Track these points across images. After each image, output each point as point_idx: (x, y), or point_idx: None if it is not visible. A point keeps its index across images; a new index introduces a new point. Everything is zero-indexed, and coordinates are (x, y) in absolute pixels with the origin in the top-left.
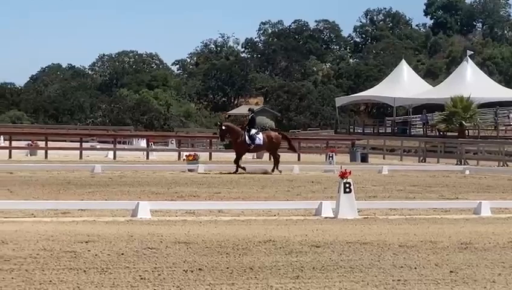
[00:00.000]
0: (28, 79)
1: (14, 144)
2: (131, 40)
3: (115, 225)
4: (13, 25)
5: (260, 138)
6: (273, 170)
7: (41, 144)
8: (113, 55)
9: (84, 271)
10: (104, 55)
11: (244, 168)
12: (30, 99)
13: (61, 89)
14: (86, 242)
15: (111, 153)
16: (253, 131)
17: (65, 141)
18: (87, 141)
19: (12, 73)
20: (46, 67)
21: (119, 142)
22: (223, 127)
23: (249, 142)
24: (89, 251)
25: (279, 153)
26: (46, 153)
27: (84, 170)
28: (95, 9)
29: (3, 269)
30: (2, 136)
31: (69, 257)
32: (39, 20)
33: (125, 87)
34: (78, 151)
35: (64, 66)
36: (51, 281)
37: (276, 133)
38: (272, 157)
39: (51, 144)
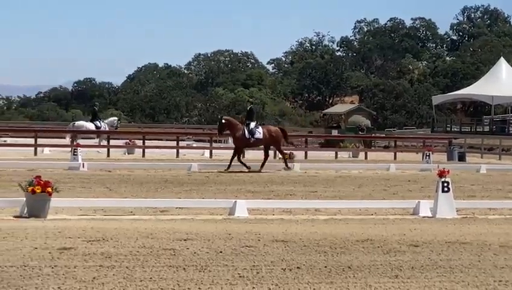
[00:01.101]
0: (125, 79)
1: (112, 142)
2: (227, 40)
3: (212, 223)
4: (111, 26)
5: (260, 131)
6: (286, 168)
7: (139, 142)
8: (209, 55)
9: (184, 269)
10: (199, 54)
11: (248, 167)
12: (127, 98)
13: (158, 89)
14: (185, 240)
15: (207, 151)
16: (252, 124)
17: (161, 139)
18: (183, 140)
19: (110, 73)
20: (142, 67)
21: (215, 141)
22: (223, 121)
23: (248, 136)
24: (187, 248)
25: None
26: (143, 151)
27: (181, 169)
28: (190, 11)
29: (104, 265)
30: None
31: (168, 255)
32: (136, 21)
33: (221, 86)
34: (175, 150)
35: (160, 65)
36: (151, 278)
37: (276, 128)
38: (266, 153)
39: (147, 142)
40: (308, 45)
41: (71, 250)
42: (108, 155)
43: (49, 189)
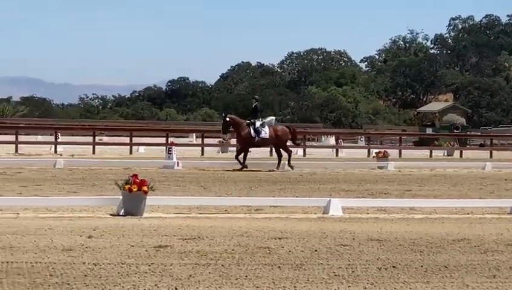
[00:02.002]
0: (219, 77)
1: (206, 141)
2: (320, 38)
3: (307, 222)
4: (205, 25)
5: (266, 131)
6: (277, 167)
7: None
8: (302, 53)
9: (279, 267)
10: (292, 53)
11: (246, 166)
12: (220, 97)
13: (251, 87)
14: (280, 238)
15: (300, 150)
16: (258, 123)
17: None
18: None
19: (203, 72)
20: (236, 65)
21: (308, 140)
22: (227, 119)
23: (253, 135)
24: (282, 247)
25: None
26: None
27: (270, 166)
28: (283, 10)
29: (200, 263)
30: (194, 134)
31: (263, 253)
32: (230, 21)
33: (314, 85)
34: (268, 149)
35: (253, 64)
36: (246, 276)
37: (284, 127)
38: (279, 152)
39: None
40: (401, 42)
41: (167, 248)
42: (202, 154)
43: (145, 187)
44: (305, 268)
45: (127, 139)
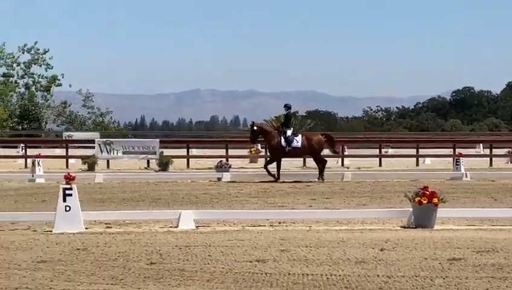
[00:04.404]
0: (505, 86)
1: (495, 151)
2: None
3: None
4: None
5: (298, 140)
6: (319, 178)
7: None
8: None
9: None
10: None
11: (274, 176)
12: (507, 106)
13: None
14: None
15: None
16: (289, 132)
17: None
18: None
19: (488, 81)
20: None
21: None
22: (255, 128)
23: (285, 145)
24: None
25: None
26: None
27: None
28: None
29: (496, 277)
30: (481, 144)
31: None
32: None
33: None
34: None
35: None
36: None
37: (319, 136)
38: (317, 161)
39: None
40: None
41: (461, 261)
42: (490, 164)
43: (436, 200)
44: None
45: (412, 151)
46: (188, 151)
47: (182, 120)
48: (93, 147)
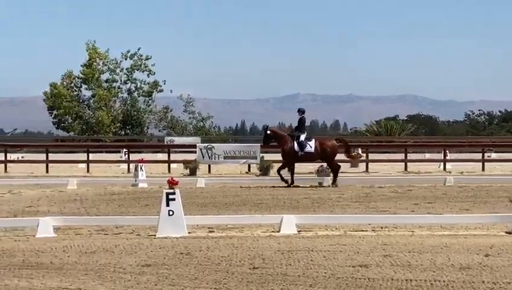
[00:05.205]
0: None
1: None
2: None
3: None
4: None
5: (312, 145)
6: (333, 183)
7: None
8: None
9: None
10: None
11: (287, 181)
12: None
13: None
14: None
15: None
16: (302, 137)
17: None
18: None
19: None
20: None
21: None
22: (268, 132)
23: (297, 150)
24: None
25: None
26: None
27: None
28: None
29: None
30: None
31: None
32: None
33: None
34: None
35: None
36: None
37: (333, 141)
38: (330, 167)
39: None
40: None
41: None
42: None
43: None
44: None
45: None
46: None
47: (282, 125)
48: (195, 152)
